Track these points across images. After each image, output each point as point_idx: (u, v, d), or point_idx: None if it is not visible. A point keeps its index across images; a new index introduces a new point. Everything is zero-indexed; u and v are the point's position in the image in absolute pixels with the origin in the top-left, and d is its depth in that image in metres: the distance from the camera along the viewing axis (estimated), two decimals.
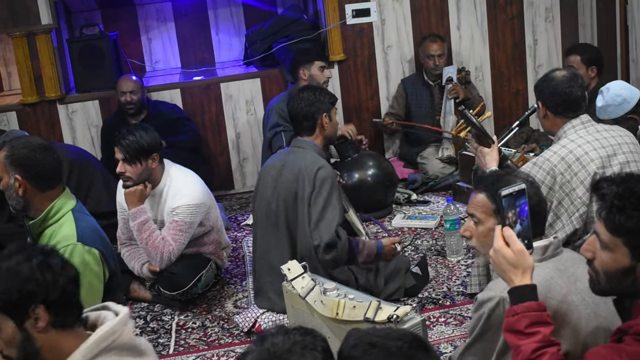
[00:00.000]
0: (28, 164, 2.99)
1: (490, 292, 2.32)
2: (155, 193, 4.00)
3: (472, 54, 6.17)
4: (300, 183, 3.69)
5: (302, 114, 3.81)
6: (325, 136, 3.88)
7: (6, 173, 2.99)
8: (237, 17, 6.75)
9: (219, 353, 3.61)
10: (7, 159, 2.99)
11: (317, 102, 3.82)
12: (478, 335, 2.35)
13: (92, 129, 5.91)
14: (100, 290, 2.97)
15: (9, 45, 6.25)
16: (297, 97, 3.86)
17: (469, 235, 2.57)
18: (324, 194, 3.66)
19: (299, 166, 3.71)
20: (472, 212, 2.55)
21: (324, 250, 3.62)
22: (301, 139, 3.86)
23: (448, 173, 5.57)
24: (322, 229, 3.63)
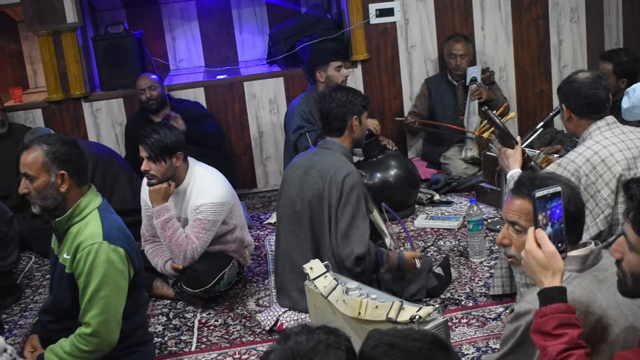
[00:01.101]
0: (71, 160, 3.00)
1: (528, 305, 2.25)
2: (179, 191, 4.02)
3: (496, 54, 6.15)
4: (326, 186, 3.68)
5: (333, 114, 3.78)
6: (353, 138, 3.85)
7: (45, 172, 2.95)
8: (260, 16, 6.77)
9: (241, 351, 3.62)
10: (48, 157, 2.95)
11: (349, 104, 3.79)
12: (513, 347, 2.29)
13: (116, 126, 5.96)
14: (125, 289, 2.99)
15: (35, 43, 6.31)
16: (330, 96, 3.83)
17: (508, 243, 2.42)
18: (353, 203, 3.64)
19: (326, 168, 3.70)
20: (514, 219, 2.39)
21: (355, 263, 3.61)
22: (329, 140, 3.83)
23: (471, 174, 5.56)
24: (354, 240, 3.61)
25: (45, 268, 4.92)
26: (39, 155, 2.95)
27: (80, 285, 2.94)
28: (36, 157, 2.95)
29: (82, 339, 2.93)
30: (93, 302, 2.91)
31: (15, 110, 5.89)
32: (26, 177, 2.96)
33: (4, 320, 4.01)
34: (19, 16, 6.33)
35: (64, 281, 3.01)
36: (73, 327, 2.97)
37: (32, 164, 2.94)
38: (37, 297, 4.54)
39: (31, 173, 2.94)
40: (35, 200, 2.98)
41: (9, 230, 4.46)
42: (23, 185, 2.98)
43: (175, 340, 3.79)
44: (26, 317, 4.27)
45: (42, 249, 5.05)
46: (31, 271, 4.96)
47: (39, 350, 3.09)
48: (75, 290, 2.96)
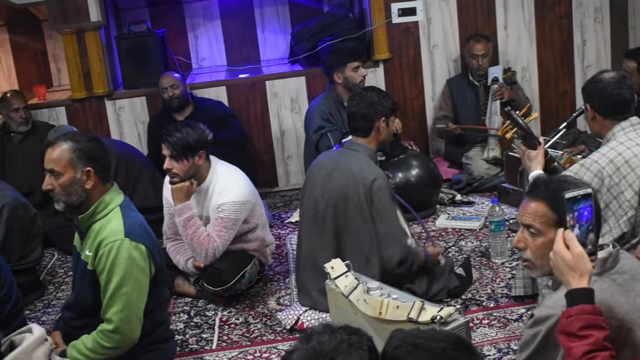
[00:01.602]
0: (97, 157, 3.00)
1: (548, 310, 2.23)
2: (201, 190, 4.03)
3: (518, 54, 6.12)
4: (353, 189, 3.67)
5: (361, 114, 3.77)
6: (379, 141, 3.84)
7: (72, 168, 2.95)
8: (282, 15, 6.77)
9: (262, 349, 3.62)
10: (75, 153, 2.96)
11: (378, 105, 3.78)
12: (534, 352, 2.26)
13: (138, 124, 5.98)
14: (146, 286, 3.00)
15: (59, 41, 6.36)
16: (360, 96, 3.82)
17: (523, 247, 2.40)
18: (385, 207, 3.66)
19: (352, 171, 3.69)
20: (529, 222, 2.37)
21: (397, 265, 3.67)
22: (355, 141, 3.83)
23: (493, 174, 5.53)
24: (393, 244, 3.67)
25: (68, 265, 4.95)
26: (65, 151, 2.96)
27: (102, 282, 2.95)
28: (62, 153, 2.95)
29: (104, 336, 2.94)
30: (115, 299, 2.93)
31: (39, 108, 5.94)
32: (51, 173, 2.96)
33: (27, 317, 4.04)
34: (44, 15, 6.37)
35: (86, 278, 3.02)
36: (95, 323, 2.98)
37: (59, 160, 2.95)
38: (59, 293, 4.58)
39: (57, 169, 2.95)
40: (59, 197, 2.98)
41: (33, 227, 4.49)
42: (47, 181, 2.98)
43: (196, 338, 3.81)
44: (49, 314, 4.30)
45: (65, 246, 5.08)
46: (54, 268, 4.99)
47: (62, 347, 3.10)
48: (97, 287, 2.98)
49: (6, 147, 5.60)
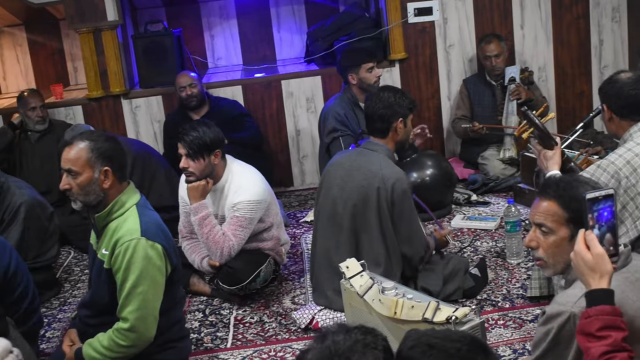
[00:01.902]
0: (114, 156, 3.01)
1: (560, 307, 2.23)
2: (216, 188, 4.04)
3: (535, 54, 6.10)
4: (373, 190, 3.65)
5: (378, 115, 3.75)
6: (397, 141, 3.81)
7: (89, 167, 2.96)
8: (298, 15, 6.78)
9: (276, 348, 3.63)
10: (93, 153, 2.96)
11: (395, 105, 3.75)
12: (546, 350, 2.26)
13: (154, 123, 6.01)
14: (162, 285, 3.00)
15: (76, 40, 6.39)
16: (377, 96, 3.79)
17: (535, 245, 2.41)
18: (407, 208, 3.67)
19: (372, 172, 3.68)
20: (540, 221, 2.39)
21: (419, 262, 3.75)
22: (373, 141, 3.81)
23: (509, 174, 5.51)
24: (416, 243, 3.72)
25: (84, 263, 4.98)
26: (83, 151, 2.96)
27: (118, 280, 2.96)
28: (80, 152, 2.96)
29: (119, 334, 2.96)
30: (131, 298, 2.94)
31: (56, 107, 5.97)
32: (69, 172, 2.97)
33: (44, 314, 4.07)
34: (61, 14, 6.41)
35: (102, 276, 3.03)
36: (111, 322, 3.00)
37: (76, 159, 2.96)
38: (75, 291, 4.60)
39: (75, 169, 2.95)
40: (77, 196, 2.99)
41: (50, 225, 4.51)
42: (65, 180, 2.99)
43: (211, 336, 3.82)
44: (65, 311, 4.32)
45: (81, 244, 5.11)
46: (70, 266, 5.02)
47: (77, 344, 3.12)
48: (113, 285, 2.99)
49: (23, 145, 5.63)
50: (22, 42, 6.87)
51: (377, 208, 3.66)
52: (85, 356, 3.00)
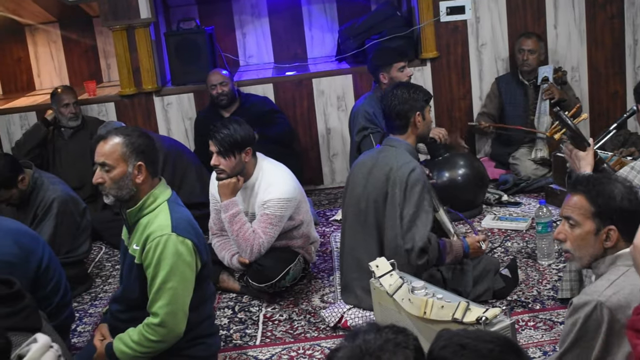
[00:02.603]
0: (148, 152, 3.04)
1: (586, 297, 2.27)
2: (247, 186, 4.06)
3: (568, 54, 6.04)
4: (390, 184, 3.65)
5: (395, 112, 3.74)
6: (417, 135, 3.80)
7: (124, 162, 2.98)
8: (330, 13, 6.78)
9: (305, 347, 3.63)
10: (128, 147, 2.99)
11: (411, 100, 3.74)
12: (573, 341, 2.29)
13: (186, 121, 6.04)
14: (192, 281, 3.02)
15: (109, 38, 6.45)
16: (391, 94, 3.79)
17: (563, 238, 2.51)
18: (415, 198, 3.61)
19: (390, 166, 3.68)
20: (568, 214, 2.49)
21: (417, 256, 3.60)
22: (393, 137, 3.81)
23: (541, 175, 5.47)
24: (415, 234, 3.59)
25: (115, 258, 5.02)
26: (118, 145, 2.98)
27: (149, 276, 2.98)
28: (115, 147, 2.98)
29: (149, 329, 2.97)
30: (161, 293, 2.95)
31: (89, 104, 6.03)
32: (103, 166, 2.99)
33: (75, 308, 4.11)
34: (95, 11, 6.48)
35: (133, 272, 3.05)
36: (142, 317, 3.01)
37: (111, 153, 2.98)
38: (106, 286, 4.64)
39: (109, 162, 2.98)
40: (109, 191, 3.01)
41: (82, 220, 4.56)
42: (98, 174, 3.01)
43: (240, 333, 3.83)
44: (96, 306, 4.36)
45: (112, 239, 5.15)
46: (101, 261, 5.06)
47: (108, 339, 3.14)
48: (144, 280, 3.01)
49: (56, 141, 5.70)
50: (57, 39, 6.95)
51: (393, 199, 3.65)
52: (116, 350, 3.03)
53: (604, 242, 2.43)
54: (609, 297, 2.22)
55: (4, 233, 3.38)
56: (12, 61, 7.02)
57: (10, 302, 2.42)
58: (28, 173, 4.37)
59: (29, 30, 6.95)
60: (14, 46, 6.99)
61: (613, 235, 2.42)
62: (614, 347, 2.23)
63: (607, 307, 2.21)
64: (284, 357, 3.56)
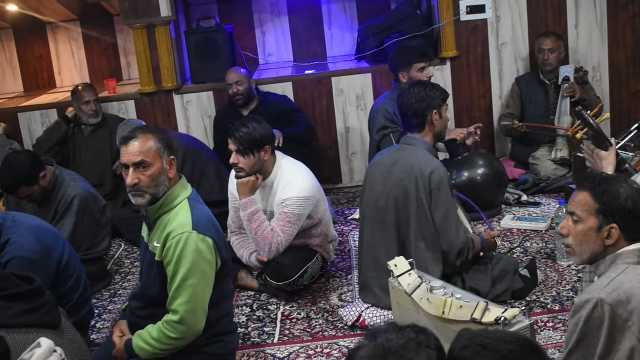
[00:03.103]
0: (173, 147, 3.06)
1: (587, 295, 2.29)
2: (266, 184, 4.06)
3: (590, 53, 6.00)
4: (412, 183, 3.65)
5: (412, 111, 3.74)
6: (435, 133, 3.80)
7: (159, 158, 3.00)
8: (350, 12, 6.78)
9: (323, 345, 3.63)
10: (161, 143, 3.00)
11: (428, 99, 3.74)
12: (577, 341, 2.30)
13: (205, 119, 6.06)
14: (212, 278, 3.02)
15: (129, 36, 6.48)
16: (408, 93, 3.79)
17: (566, 233, 2.55)
18: (443, 199, 3.62)
19: (411, 165, 3.68)
20: (572, 210, 2.52)
21: (456, 257, 3.65)
22: (411, 136, 3.81)
23: (560, 175, 5.44)
24: (452, 235, 3.64)
25: (134, 256, 5.04)
26: (152, 142, 3.00)
27: (169, 273, 2.99)
28: (150, 144, 2.99)
29: (169, 326, 2.99)
30: (181, 291, 2.96)
31: (110, 102, 6.06)
32: (139, 165, 2.97)
33: (94, 305, 4.13)
34: (116, 10, 6.51)
35: (153, 269, 3.07)
36: (161, 314, 3.03)
37: (148, 150, 2.98)
38: (126, 283, 4.66)
39: (148, 160, 2.97)
40: (147, 190, 2.99)
41: (102, 218, 4.58)
42: (133, 175, 2.98)
43: (258, 331, 3.84)
44: (115, 303, 4.38)
45: (132, 237, 5.18)
46: (121, 258, 5.09)
47: (127, 336, 3.16)
48: (164, 278, 3.02)
49: (77, 139, 5.73)
50: (78, 37, 6.99)
51: (415, 200, 3.65)
52: (135, 347, 3.04)
53: (605, 239, 2.46)
54: (609, 294, 2.25)
55: (26, 230, 3.41)
56: (34, 59, 7.07)
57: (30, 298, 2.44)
58: (49, 170, 4.40)
59: (51, 28, 7.00)
60: (36, 44, 7.04)
61: (615, 234, 2.45)
62: (617, 343, 2.25)
63: (608, 303, 2.24)
64: (302, 355, 3.56)
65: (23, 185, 4.29)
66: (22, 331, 2.33)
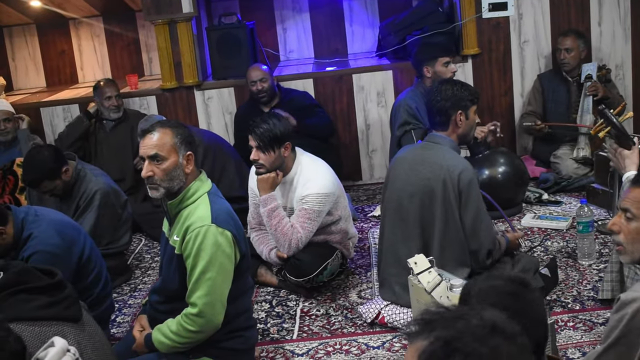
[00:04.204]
0: (193, 142, 3.07)
1: (635, 293, 2.21)
2: (286, 181, 4.07)
3: (613, 51, 5.96)
4: (438, 183, 3.62)
5: (437, 108, 3.71)
6: (458, 134, 3.75)
7: (175, 152, 3.00)
8: (371, 8, 6.77)
9: (342, 342, 3.63)
10: (178, 138, 3.01)
11: (454, 98, 3.69)
12: (618, 337, 2.23)
13: (226, 115, 6.07)
14: (231, 272, 3.03)
15: (151, 32, 6.50)
16: (437, 89, 3.76)
17: (618, 230, 2.46)
18: (474, 199, 3.61)
19: (439, 164, 3.64)
20: (626, 206, 2.43)
21: (486, 256, 3.65)
22: (436, 134, 3.77)
23: (582, 174, 5.40)
24: (482, 235, 3.63)
25: (155, 250, 5.07)
26: (168, 136, 3.01)
27: (188, 266, 3.00)
28: (166, 138, 3.00)
29: (188, 319, 2.99)
30: (200, 283, 2.97)
31: (131, 97, 6.09)
32: (154, 158, 2.99)
33: (115, 299, 4.16)
34: (138, 6, 6.54)
35: (173, 262, 3.08)
36: (181, 308, 3.03)
37: (163, 144, 2.99)
38: (146, 278, 4.69)
39: (162, 154, 2.98)
40: (160, 183, 3.00)
41: (123, 212, 4.61)
42: (147, 168, 3.00)
43: (277, 327, 3.85)
44: (135, 297, 4.41)
45: (152, 231, 5.20)
46: (141, 253, 5.11)
47: (147, 330, 3.17)
48: (183, 272, 3.02)
49: (98, 134, 5.76)
50: (100, 32, 7.03)
51: (442, 201, 3.63)
52: (154, 341, 3.05)
53: None
54: None
55: (48, 224, 3.44)
56: (56, 54, 7.12)
57: (52, 291, 2.46)
58: (71, 165, 4.43)
59: (73, 23, 7.04)
60: (59, 39, 7.09)
61: None
62: None
63: None
64: (321, 351, 3.57)
65: (45, 179, 4.32)
66: (43, 324, 2.35)
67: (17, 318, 2.22)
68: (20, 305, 2.36)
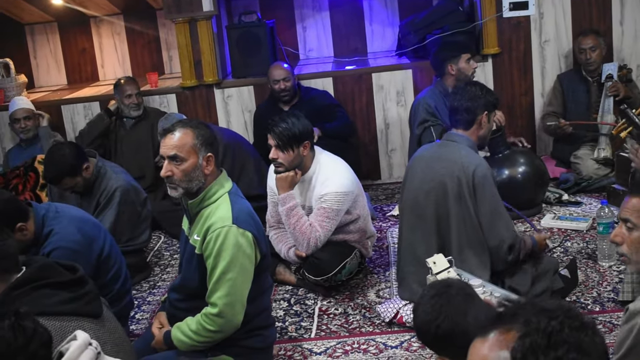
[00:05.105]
0: (214, 143, 3.07)
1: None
2: (304, 179, 4.07)
3: (634, 51, 5.91)
4: (452, 179, 3.63)
5: (464, 107, 3.73)
6: (479, 135, 3.78)
7: (195, 154, 3.00)
8: (391, 7, 6.76)
9: (360, 341, 3.63)
10: (198, 139, 3.00)
11: (482, 99, 3.74)
12: (629, 349, 2.20)
13: (245, 113, 6.08)
14: (251, 272, 3.03)
15: (171, 30, 6.53)
16: (464, 89, 3.79)
17: (620, 241, 2.44)
18: (489, 194, 3.61)
19: (453, 161, 3.66)
20: (626, 216, 2.42)
21: (507, 252, 3.63)
22: (455, 133, 3.79)
23: (603, 174, 5.36)
24: (501, 230, 3.62)
25: (174, 248, 5.08)
26: (189, 137, 3.00)
27: (209, 266, 3.01)
28: (186, 139, 3.00)
29: (207, 319, 3.00)
30: (220, 284, 2.98)
31: (151, 95, 6.12)
32: (173, 159, 3.00)
33: (134, 296, 4.18)
34: (158, 4, 6.56)
35: (193, 262, 3.09)
36: (200, 306, 3.04)
37: (183, 145, 3.00)
38: (165, 275, 4.71)
39: (181, 154, 2.99)
40: (179, 183, 3.01)
41: (143, 210, 4.63)
42: (167, 167, 3.01)
43: (295, 326, 3.85)
44: (154, 294, 4.43)
45: (171, 229, 5.23)
46: (160, 250, 5.14)
47: (166, 327, 3.18)
48: (204, 270, 3.03)
49: (119, 131, 5.79)
50: (120, 30, 7.06)
51: (457, 197, 3.63)
52: (174, 339, 3.06)
53: None
54: None
55: (68, 221, 3.46)
56: (77, 52, 7.16)
57: (73, 287, 2.48)
58: (92, 162, 4.45)
59: (94, 22, 7.08)
60: (79, 37, 7.13)
61: None
62: None
63: None
64: (339, 350, 3.57)
65: (66, 176, 4.35)
66: (64, 319, 2.37)
67: (39, 312, 2.24)
68: (42, 300, 2.38)
